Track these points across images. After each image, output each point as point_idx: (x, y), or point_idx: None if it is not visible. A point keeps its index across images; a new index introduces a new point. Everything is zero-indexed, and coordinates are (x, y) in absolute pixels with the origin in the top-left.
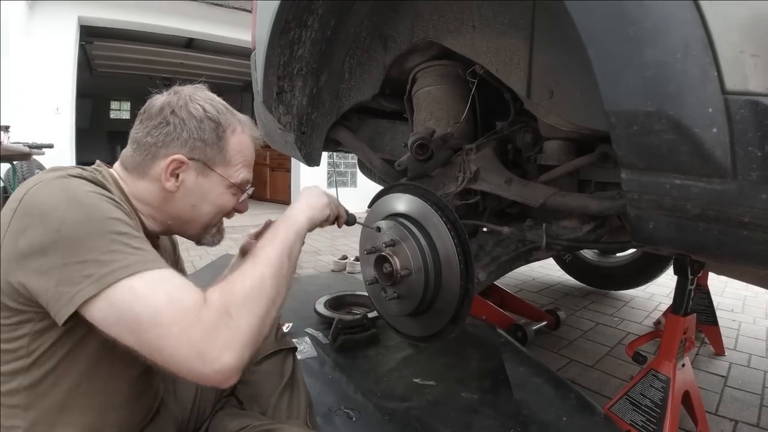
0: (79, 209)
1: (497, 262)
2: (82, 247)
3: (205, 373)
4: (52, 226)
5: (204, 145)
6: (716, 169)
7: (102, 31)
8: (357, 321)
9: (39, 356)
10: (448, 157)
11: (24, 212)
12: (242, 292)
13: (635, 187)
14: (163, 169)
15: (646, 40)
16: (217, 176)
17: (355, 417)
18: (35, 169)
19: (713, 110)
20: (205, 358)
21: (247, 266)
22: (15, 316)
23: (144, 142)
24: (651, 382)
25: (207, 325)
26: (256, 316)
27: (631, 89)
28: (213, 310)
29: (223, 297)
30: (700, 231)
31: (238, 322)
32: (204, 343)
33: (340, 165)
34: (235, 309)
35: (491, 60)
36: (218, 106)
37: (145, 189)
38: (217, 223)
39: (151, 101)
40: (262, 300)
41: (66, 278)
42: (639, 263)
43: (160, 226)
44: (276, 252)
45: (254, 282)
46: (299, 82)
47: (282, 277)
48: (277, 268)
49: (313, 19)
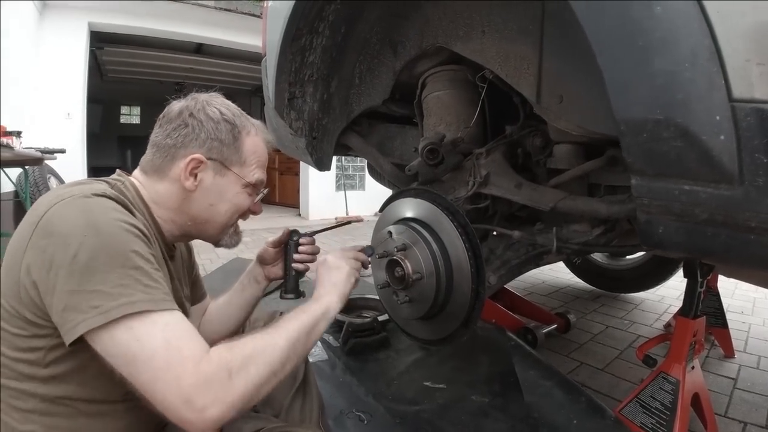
0: (97, 238)
1: (507, 266)
2: (94, 277)
3: (189, 419)
4: (70, 251)
5: (221, 145)
6: (724, 176)
7: (112, 37)
8: (367, 324)
9: (53, 369)
10: (458, 162)
11: (44, 231)
12: (248, 354)
13: (645, 192)
14: (182, 169)
15: (654, 50)
16: (233, 175)
17: (367, 420)
18: (47, 173)
19: (720, 118)
20: (191, 406)
21: (265, 332)
22: (32, 327)
23: (164, 144)
24: (661, 384)
25: (201, 378)
26: (254, 382)
27: (640, 98)
28: (214, 365)
29: (228, 354)
30: (709, 235)
31: (234, 383)
32: (193, 393)
33: (348, 168)
34: (235, 370)
35: (501, 65)
36: (233, 109)
37: (164, 191)
38: (234, 224)
39: (169, 107)
40: (265, 369)
41: (74, 305)
42: (649, 266)
43: (179, 230)
44: (297, 326)
45: (265, 348)
46: (310, 88)
47: (294, 353)
48: (293, 342)
49: (324, 26)
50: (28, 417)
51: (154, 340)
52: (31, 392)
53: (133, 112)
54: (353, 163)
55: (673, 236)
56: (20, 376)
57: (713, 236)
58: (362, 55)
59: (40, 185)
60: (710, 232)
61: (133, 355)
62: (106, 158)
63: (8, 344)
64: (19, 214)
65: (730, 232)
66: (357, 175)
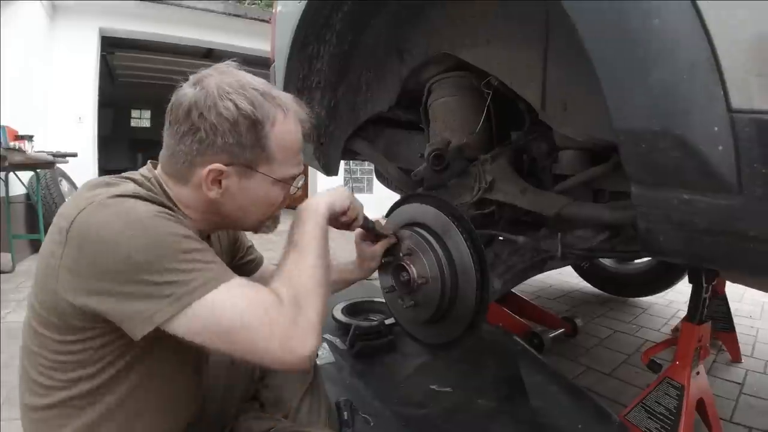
0: (144, 233)
1: (512, 271)
2: (155, 271)
3: (293, 361)
4: (121, 253)
5: (242, 148)
6: (722, 185)
7: (123, 42)
8: (374, 328)
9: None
10: (463, 168)
11: (82, 237)
12: (303, 282)
13: (644, 201)
14: (203, 179)
15: (653, 61)
16: (261, 176)
17: (373, 422)
18: (59, 177)
19: (719, 128)
20: (293, 348)
21: (295, 257)
22: (79, 332)
23: (177, 150)
24: (666, 389)
25: (287, 319)
26: (319, 303)
27: (639, 109)
28: (287, 305)
29: (290, 290)
30: (708, 244)
31: (307, 311)
32: (289, 335)
33: (356, 171)
34: (303, 299)
35: (506, 73)
36: (252, 95)
37: (189, 196)
38: (272, 216)
39: (177, 97)
40: (319, 284)
41: (144, 299)
42: (657, 270)
43: (211, 225)
44: (313, 238)
45: (309, 270)
46: (318, 94)
47: (325, 259)
48: (319, 252)
49: (332, 34)
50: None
51: (238, 305)
52: (74, 393)
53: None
54: (361, 167)
55: (673, 244)
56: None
57: (713, 245)
58: (369, 62)
59: (52, 188)
60: (709, 241)
61: (222, 326)
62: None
63: (48, 348)
64: (31, 216)
65: (729, 241)
66: (365, 178)
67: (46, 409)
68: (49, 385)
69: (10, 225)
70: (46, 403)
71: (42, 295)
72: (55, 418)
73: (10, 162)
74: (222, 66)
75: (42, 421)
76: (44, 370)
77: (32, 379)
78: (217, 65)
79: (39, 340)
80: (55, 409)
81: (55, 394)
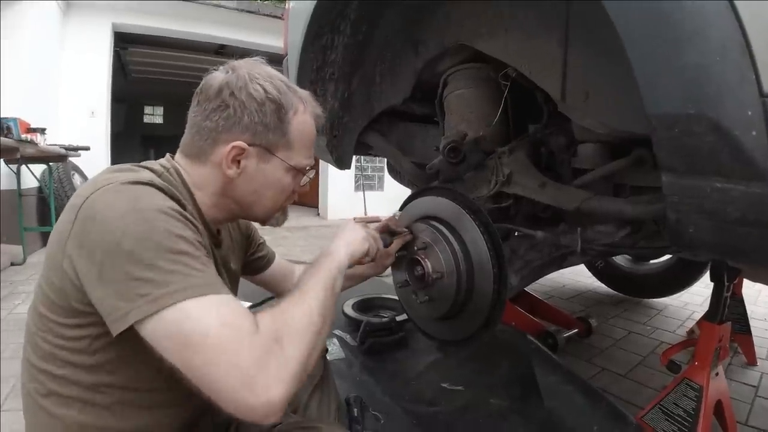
0: (143, 224)
1: (530, 267)
2: (140, 264)
3: (252, 404)
4: (114, 237)
5: (266, 129)
6: (756, 173)
7: (136, 38)
8: (385, 324)
9: (101, 355)
10: (480, 161)
11: (87, 215)
12: (293, 322)
13: (676, 190)
14: (224, 156)
15: (685, 42)
16: (278, 161)
17: (383, 420)
18: (71, 170)
19: (752, 113)
20: (253, 388)
21: (294, 297)
22: (77, 317)
23: (204, 126)
24: (684, 391)
25: (257, 353)
26: (305, 348)
27: (672, 92)
28: (264, 337)
29: (274, 324)
30: (741, 235)
31: (288, 352)
32: (254, 372)
33: (367, 168)
34: (286, 338)
35: (525, 63)
36: (279, 84)
37: (206, 175)
38: (282, 206)
39: (207, 80)
40: (311, 331)
41: (121, 293)
42: (673, 271)
43: (223, 213)
44: (320, 285)
45: (303, 313)
46: (331, 86)
47: (327, 310)
48: (323, 300)
49: (346, 25)
50: (65, 402)
51: (207, 319)
52: (74, 379)
53: (157, 111)
54: (372, 164)
55: (704, 236)
56: (63, 363)
57: (745, 236)
58: (384, 54)
59: (64, 182)
60: (742, 232)
61: (185, 337)
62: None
63: (52, 332)
64: (43, 209)
65: (761, 231)
66: (376, 175)
67: (46, 396)
68: (46, 371)
69: (22, 217)
70: (46, 391)
71: (50, 273)
72: (55, 406)
73: (22, 154)
74: (251, 59)
75: (42, 409)
76: (43, 354)
77: (33, 364)
78: (247, 59)
79: (42, 322)
80: (54, 397)
81: (52, 381)
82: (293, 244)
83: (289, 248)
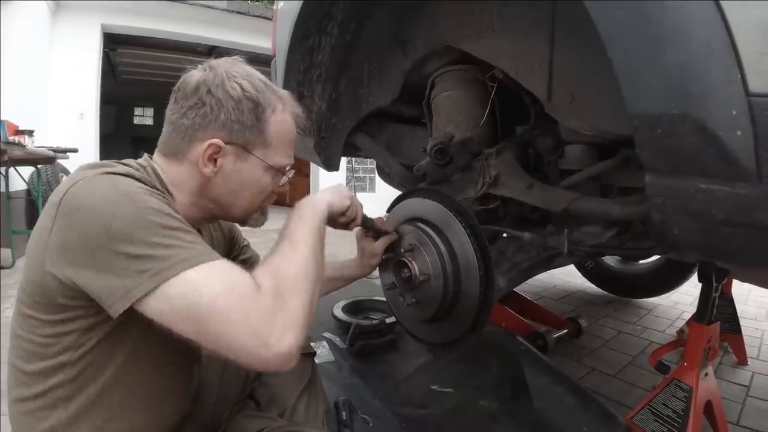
0: (131, 204)
1: (518, 269)
2: (135, 241)
3: (268, 357)
4: (104, 221)
5: (242, 127)
6: (741, 173)
7: (125, 39)
8: (375, 326)
9: (87, 350)
10: (467, 162)
11: (70, 207)
12: (290, 274)
13: (659, 191)
14: (201, 154)
15: (667, 41)
16: (255, 159)
17: (372, 423)
18: (59, 172)
19: (737, 112)
20: (267, 342)
21: (286, 248)
22: (64, 312)
23: (180, 124)
24: (673, 391)
25: (265, 310)
26: (306, 297)
27: (654, 91)
28: (267, 294)
29: (273, 280)
30: (726, 236)
31: (291, 303)
32: (264, 328)
33: (358, 170)
34: (287, 291)
35: (511, 64)
36: (257, 83)
37: (183, 174)
38: (260, 206)
39: (185, 78)
40: (309, 279)
41: (121, 273)
42: (662, 270)
43: (201, 213)
44: (309, 233)
45: (299, 263)
46: (319, 87)
47: (319, 255)
48: (314, 247)
49: (333, 25)
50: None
51: (212, 287)
52: (58, 382)
53: (147, 113)
54: (363, 165)
55: (689, 237)
56: (47, 364)
57: (731, 237)
58: (371, 55)
59: (53, 184)
60: (727, 233)
61: (193, 307)
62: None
63: (36, 331)
64: (32, 212)
65: (748, 232)
66: (367, 177)
67: (31, 399)
68: (33, 372)
69: (11, 220)
70: (31, 394)
71: (31, 271)
72: (40, 409)
73: (10, 157)
74: (230, 59)
75: (28, 413)
76: (29, 356)
77: (17, 367)
78: (226, 58)
79: (26, 322)
80: (39, 399)
81: (38, 382)
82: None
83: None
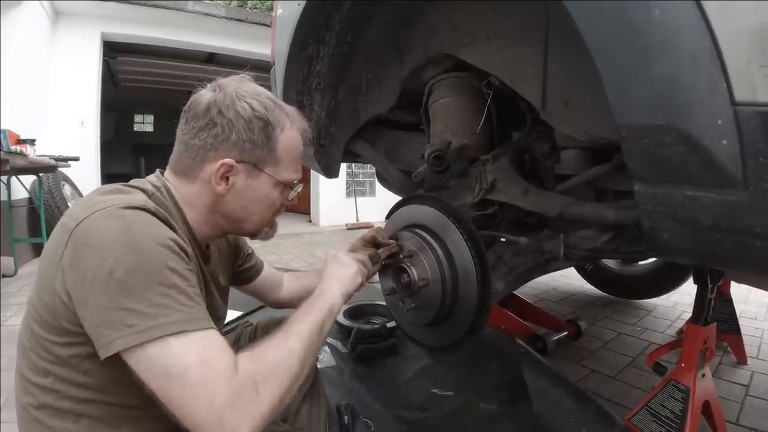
0: (135, 255)
1: (515, 273)
2: (130, 295)
3: None
4: (106, 267)
5: (253, 146)
6: (727, 180)
7: (125, 47)
8: (376, 331)
9: (89, 376)
10: (464, 168)
11: (79, 242)
12: (270, 365)
13: (648, 199)
14: (213, 173)
15: (654, 53)
16: (266, 176)
17: (374, 426)
18: (61, 181)
19: (723, 122)
20: (223, 425)
21: (278, 338)
22: (68, 336)
23: (192, 144)
24: (671, 392)
25: (233, 394)
26: (279, 392)
27: (641, 102)
28: (240, 378)
29: (252, 365)
30: (714, 241)
31: (261, 394)
32: (225, 412)
33: (358, 175)
34: (261, 381)
35: (506, 71)
36: (266, 101)
37: (196, 192)
38: (270, 220)
39: (195, 98)
40: (288, 375)
41: (109, 322)
42: (662, 271)
43: (212, 229)
44: (308, 327)
45: (284, 356)
46: (318, 96)
47: (309, 355)
48: (307, 344)
49: (331, 35)
50: (59, 414)
51: (189, 357)
52: (66, 394)
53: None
54: (363, 170)
55: (678, 243)
56: (55, 378)
57: (719, 242)
58: (369, 63)
59: (54, 192)
60: (715, 239)
61: (166, 371)
62: (120, 165)
63: (44, 349)
64: (34, 220)
65: (735, 238)
66: (367, 181)
67: (39, 409)
68: (42, 385)
69: (13, 229)
70: (40, 403)
71: (42, 291)
72: (49, 418)
73: (12, 166)
74: (238, 77)
75: (36, 421)
76: (38, 370)
77: (27, 378)
78: (234, 76)
79: (35, 339)
80: (47, 409)
81: (47, 395)
82: (285, 251)
83: (281, 255)
